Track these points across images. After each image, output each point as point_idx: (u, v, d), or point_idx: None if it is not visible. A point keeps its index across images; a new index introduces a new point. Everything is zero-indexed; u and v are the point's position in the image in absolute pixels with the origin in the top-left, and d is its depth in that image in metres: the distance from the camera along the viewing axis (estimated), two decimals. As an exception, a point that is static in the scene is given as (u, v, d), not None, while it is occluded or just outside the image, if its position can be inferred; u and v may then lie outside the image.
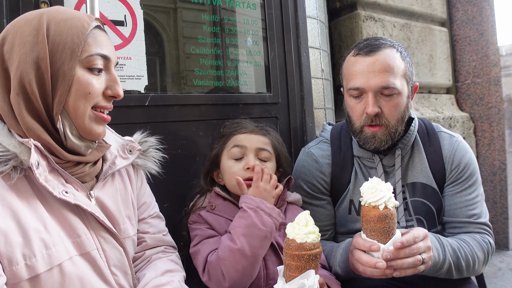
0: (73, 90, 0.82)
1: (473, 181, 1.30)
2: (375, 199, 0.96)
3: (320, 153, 1.42)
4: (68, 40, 0.81)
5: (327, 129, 1.52)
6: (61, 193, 0.81)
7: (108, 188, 0.96)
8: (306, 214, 0.93)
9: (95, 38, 0.86)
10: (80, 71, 0.83)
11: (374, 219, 0.97)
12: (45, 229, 0.77)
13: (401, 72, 1.21)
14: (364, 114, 1.22)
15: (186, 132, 1.61)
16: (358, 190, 1.35)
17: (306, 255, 0.89)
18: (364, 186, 1.00)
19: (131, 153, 1.04)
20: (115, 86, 0.90)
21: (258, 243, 1.03)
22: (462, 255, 1.18)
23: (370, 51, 1.20)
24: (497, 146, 2.99)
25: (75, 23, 0.83)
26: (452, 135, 1.36)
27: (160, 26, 1.66)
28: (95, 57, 0.85)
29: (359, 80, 1.20)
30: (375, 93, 1.19)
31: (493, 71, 3.01)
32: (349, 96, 1.27)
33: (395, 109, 1.21)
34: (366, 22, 2.46)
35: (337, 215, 1.41)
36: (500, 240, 3.03)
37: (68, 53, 0.81)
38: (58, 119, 0.82)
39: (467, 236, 1.25)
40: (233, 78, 1.83)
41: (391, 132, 1.23)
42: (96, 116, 0.88)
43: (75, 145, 0.86)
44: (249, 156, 1.19)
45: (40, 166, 0.78)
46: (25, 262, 0.73)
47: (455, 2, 3.13)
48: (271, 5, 1.89)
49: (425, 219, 1.31)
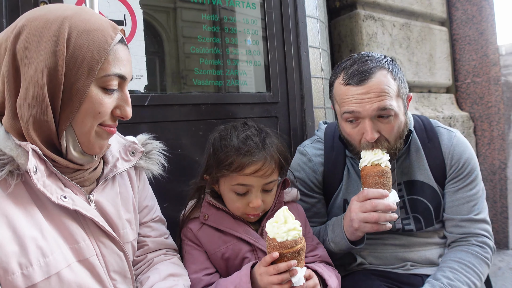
0: (83, 107, 0.78)
1: (473, 177, 1.30)
2: (377, 158, 1.13)
3: (314, 152, 1.43)
4: (87, 55, 0.76)
5: (322, 128, 1.52)
6: (60, 198, 0.78)
7: (108, 191, 0.94)
8: (284, 210, 0.93)
9: (115, 56, 0.81)
10: (94, 89, 0.79)
11: (378, 173, 1.12)
12: (42, 236, 0.75)
13: (395, 93, 1.17)
14: (363, 139, 1.19)
15: (186, 131, 1.61)
16: (351, 189, 1.36)
17: (288, 253, 0.89)
18: (365, 153, 1.16)
19: (133, 155, 1.00)
20: (125, 107, 0.86)
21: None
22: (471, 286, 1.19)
23: (361, 80, 1.15)
24: (497, 146, 2.99)
25: (97, 36, 0.78)
26: (451, 131, 1.35)
27: (159, 26, 1.66)
28: (112, 77, 0.80)
29: (354, 106, 1.16)
30: (371, 118, 1.15)
31: (493, 70, 3.01)
32: (345, 121, 1.22)
33: (393, 130, 1.18)
34: (365, 21, 2.46)
35: (330, 214, 1.42)
36: (500, 239, 3.04)
37: (85, 69, 0.77)
38: (63, 134, 0.79)
39: (470, 257, 1.24)
40: (232, 77, 1.83)
41: (391, 152, 1.21)
42: (103, 131, 0.84)
43: (76, 159, 0.83)
44: (254, 193, 1.08)
45: (38, 171, 0.75)
46: (21, 272, 0.70)
47: (454, 2, 3.13)
48: (271, 4, 1.89)
49: (422, 217, 1.32)
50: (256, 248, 1.11)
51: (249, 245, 1.12)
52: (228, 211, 1.15)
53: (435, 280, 1.19)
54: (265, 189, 1.11)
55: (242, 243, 1.11)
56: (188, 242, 1.15)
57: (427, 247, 1.34)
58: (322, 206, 1.42)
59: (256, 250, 1.11)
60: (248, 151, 1.07)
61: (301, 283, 0.91)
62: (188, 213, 1.20)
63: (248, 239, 1.11)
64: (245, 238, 1.11)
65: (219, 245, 1.11)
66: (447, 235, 1.34)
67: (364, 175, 1.14)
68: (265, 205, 1.13)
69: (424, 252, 1.33)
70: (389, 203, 1.08)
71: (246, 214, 1.12)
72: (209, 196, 1.19)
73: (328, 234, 1.26)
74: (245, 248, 1.11)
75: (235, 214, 1.15)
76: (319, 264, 1.14)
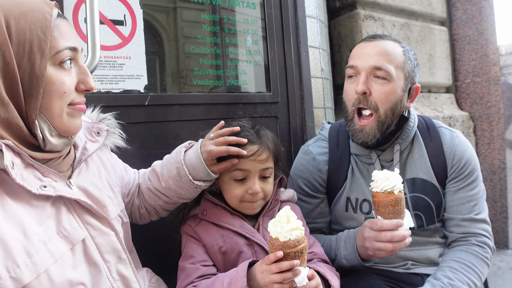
0: (46, 91, 0.76)
1: (474, 177, 1.31)
2: (391, 185, 1.06)
3: (318, 151, 1.43)
4: (33, 38, 0.73)
5: (326, 127, 1.53)
6: (40, 188, 0.76)
7: (84, 173, 0.93)
8: (286, 210, 0.92)
9: (59, 30, 0.78)
10: (51, 70, 0.76)
11: (392, 202, 1.06)
12: (25, 236, 0.72)
13: (398, 63, 1.23)
14: (355, 95, 1.25)
15: (186, 131, 1.61)
16: (354, 187, 1.37)
17: (291, 252, 0.89)
18: (376, 175, 1.09)
19: (99, 135, 1.00)
20: (86, 79, 0.84)
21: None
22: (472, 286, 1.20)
23: (373, 38, 1.27)
24: (496, 145, 2.99)
25: (36, 16, 0.74)
26: (452, 131, 1.37)
27: (159, 26, 1.66)
28: (64, 52, 0.78)
29: (355, 60, 1.27)
30: (367, 74, 1.23)
31: (493, 70, 3.01)
32: (347, 79, 1.31)
33: (385, 96, 1.22)
34: (365, 21, 2.46)
35: (333, 213, 1.42)
36: (500, 239, 3.04)
37: (36, 52, 0.73)
38: (36, 125, 0.77)
39: (470, 256, 1.25)
40: (232, 77, 1.83)
41: (379, 125, 1.23)
42: (73, 110, 0.83)
43: (54, 145, 0.82)
44: (252, 179, 1.14)
45: (15, 166, 0.73)
46: (9, 275, 0.68)
47: (454, 1, 3.13)
48: (271, 4, 1.89)
49: (424, 215, 1.32)
50: (253, 242, 1.14)
51: (246, 239, 1.14)
52: (226, 207, 1.18)
53: (435, 279, 1.20)
54: (262, 176, 1.16)
55: (239, 237, 1.14)
56: (187, 237, 1.18)
57: (428, 246, 1.34)
58: (326, 206, 1.43)
59: (253, 244, 1.14)
60: (244, 137, 1.13)
61: (304, 283, 0.91)
62: (187, 211, 1.24)
63: (245, 233, 1.14)
64: (242, 232, 1.14)
65: (216, 239, 1.14)
66: (447, 235, 1.34)
67: (377, 203, 1.09)
68: (264, 194, 1.16)
69: (425, 251, 1.33)
70: (404, 232, 1.07)
71: (245, 202, 1.15)
72: (208, 193, 1.22)
73: (340, 251, 1.26)
74: (242, 242, 1.14)
75: (232, 210, 1.18)
76: (321, 264, 1.15)
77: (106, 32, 1.48)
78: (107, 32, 1.48)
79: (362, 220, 1.35)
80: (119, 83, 1.50)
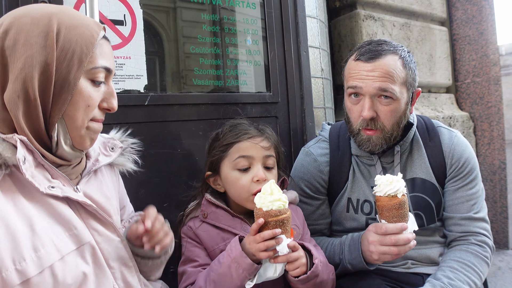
0: (74, 100, 0.81)
1: (473, 176, 1.32)
2: (394, 189, 1.07)
3: (319, 152, 1.43)
4: (77, 49, 0.80)
5: (326, 128, 1.53)
6: (47, 188, 0.78)
7: (93, 182, 0.94)
8: (271, 183, 0.99)
9: (101, 49, 0.85)
10: (83, 82, 0.82)
11: (396, 206, 1.07)
12: (32, 230, 0.74)
13: (401, 80, 1.21)
14: (360, 117, 1.23)
15: (185, 131, 1.61)
16: (355, 188, 1.37)
17: (273, 221, 0.96)
18: (379, 180, 1.09)
19: (113, 151, 1.03)
20: (111, 100, 0.89)
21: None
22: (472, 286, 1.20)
23: (370, 58, 1.20)
24: (496, 146, 2.99)
25: (84, 31, 0.82)
26: (451, 131, 1.38)
27: (159, 26, 1.66)
28: (99, 69, 0.84)
29: (356, 81, 1.22)
30: (371, 97, 1.20)
31: (493, 70, 3.01)
32: (348, 96, 1.28)
33: (391, 114, 1.21)
34: (365, 21, 2.46)
35: (334, 214, 1.42)
36: (500, 239, 3.04)
37: (75, 62, 0.80)
38: (55, 127, 0.81)
39: (470, 256, 1.25)
40: (232, 77, 1.83)
41: (386, 137, 1.24)
42: (94, 125, 0.86)
43: (66, 153, 0.84)
44: (256, 166, 1.14)
45: (26, 161, 0.76)
46: (15, 267, 0.70)
47: (454, 2, 3.13)
48: (271, 4, 1.89)
49: (424, 215, 1.32)
50: None
51: None
52: (227, 209, 1.17)
53: (435, 279, 1.20)
54: (266, 166, 1.17)
55: None
56: (188, 239, 1.17)
57: (428, 245, 1.34)
58: (326, 207, 1.43)
59: None
60: (243, 129, 1.19)
61: (284, 251, 0.97)
62: (188, 212, 1.22)
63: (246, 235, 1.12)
64: (244, 235, 1.11)
65: (217, 242, 1.13)
66: (446, 234, 1.35)
67: (381, 207, 1.10)
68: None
69: (425, 250, 1.33)
70: (408, 235, 1.08)
71: (252, 195, 1.12)
72: (209, 195, 1.21)
73: (345, 255, 1.26)
74: None
75: (233, 212, 1.17)
76: (309, 244, 1.14)
77: (106, 32, 1.48)
78: (107, 32, 1.48)
79: (363, 221, 1.35)
80: (119, 83, 1.50)
